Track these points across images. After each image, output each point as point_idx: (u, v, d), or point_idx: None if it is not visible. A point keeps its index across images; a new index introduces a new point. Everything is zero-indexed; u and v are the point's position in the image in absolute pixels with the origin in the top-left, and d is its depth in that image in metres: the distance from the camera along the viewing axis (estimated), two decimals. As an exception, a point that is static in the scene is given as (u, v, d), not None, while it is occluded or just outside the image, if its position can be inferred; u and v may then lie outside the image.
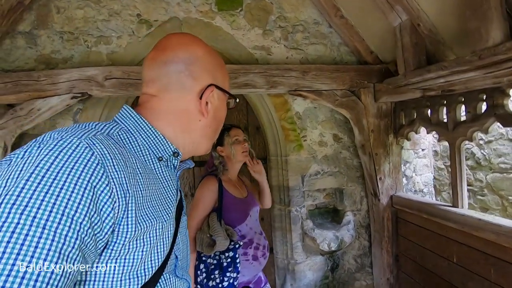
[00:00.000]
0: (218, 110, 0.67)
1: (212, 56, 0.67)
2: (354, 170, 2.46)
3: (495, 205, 2.73)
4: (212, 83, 0.64)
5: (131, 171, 0.52)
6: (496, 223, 1.41)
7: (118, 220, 0.47)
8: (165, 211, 0.58)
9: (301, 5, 2.33)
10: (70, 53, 2.02)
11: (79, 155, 0.44)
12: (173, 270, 0.63)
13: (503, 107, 1.40)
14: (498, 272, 1.40)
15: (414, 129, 2.00)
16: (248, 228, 1.56)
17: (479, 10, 1.22)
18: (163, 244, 0.57)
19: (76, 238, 0.41)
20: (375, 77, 2.17)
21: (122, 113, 0.62)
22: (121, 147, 0.53)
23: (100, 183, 0.45)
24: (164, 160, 0.62)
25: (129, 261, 0.50)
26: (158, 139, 0.60)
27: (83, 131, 0.50)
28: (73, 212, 0.41)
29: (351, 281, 2.45)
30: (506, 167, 2.60)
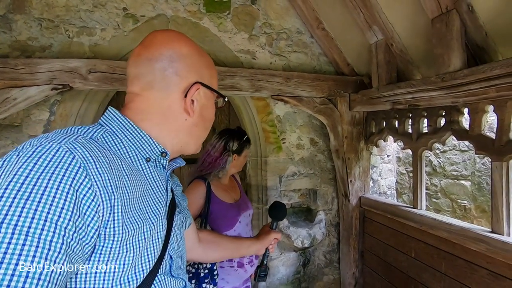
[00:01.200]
0: (205, 109, 0.66)
1: (198, 53, 0.66)
2: (327, 172, 2.64)
3: (447, 207, 3.12)
4: (198, 81, 0.63)
5: (117, 173, 0.50)
6: (448, 222, 1.63)
7: (104, 223, 0.46)
8: (153, 212, 0.57)
9: (285, 14, 2.45)
10: (49, 41, 1.94)
11: (59, 160, 0.43)
12: (168, 270, 0.62)
13: (458, 123, 1.64)
14: (448, 264, 1.63)
15: (383, 137, 2.21)
16: (236, 234, 1.50)
17: (444, 40, 1.42)
18: (153, 246, 0.56)
19: (62, 243, 0.40)
20: (350, 88, 2.35)
21: (107, 116, 0.60)
22: (105, 149, 0.52)
23: (83, 186, 0.44)
24: (152, 161, 0.61)
25: (119, 266, 0.49)
26: (144, 140, 0.59)
27: (64, 136, 0.48)
28: (56, 218, 0.40)
29: (320, 276, 2.62)
30: (457, 174, 2.99)
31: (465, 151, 2.89)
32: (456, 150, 3.00)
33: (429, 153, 3.20)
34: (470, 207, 2.83)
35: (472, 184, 2.84)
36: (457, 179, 2.98)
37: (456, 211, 3.01)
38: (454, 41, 1.39)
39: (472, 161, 2.84)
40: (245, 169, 2.61)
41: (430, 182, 3.23)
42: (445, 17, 1.41)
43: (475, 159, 2.81)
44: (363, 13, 1.85)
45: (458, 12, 1.37)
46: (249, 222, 1.62)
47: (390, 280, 2.09)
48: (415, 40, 1.76)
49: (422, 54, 1.78)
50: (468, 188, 2.88)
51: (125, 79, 1.87)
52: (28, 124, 1.95)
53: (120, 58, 2.05)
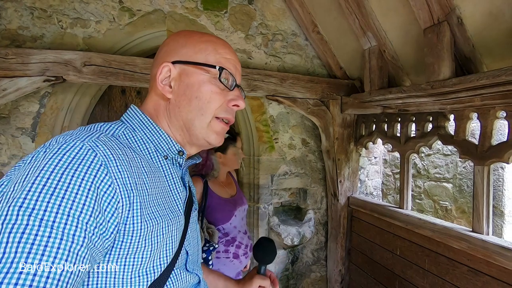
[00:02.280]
0: (188, 86, 0.60)
1: (180, 36, 0.64)
2: (318, 172, 2.71)
3: (429, 208, 3.28)
4: (169, 60, 0.61)
5: (136, 170, 0.52)
6: (432, 222, 1.73)
7: (123, 219, 0.48)
8: (171, 209, 0.58)
9: (282, 16, 2.49)
10: (41, 31, 1.88)
11: (82, 157, 0.45)
12: (183, 265, 0.63)
13: (444, 129, 1.73)
14: (431, 261, 1.73)
15: (372, 140, 2.30)
16: (232, 227, 1.58)
17: (435, 49, 1.50)
18: (172, 242, 0.57)
19: (84, 237, 0.41)
20: (342, 91, 2.42)
21: (129, 113, 0.62)
22: (125, 147, 0.53)
23: (103, 184, 0.45)
24: (169, 158, 0.62)
25: (138, 259, 0.51)
26: (162, 138, 0.60)
27: (88, 133, 0.50)
28: (78, 213, 0.41)
29: (308, 273, 2.69)
30: (439, 176, 3.15)
31: (448, 155, 3.06)
32: (440, 154, 3.17)
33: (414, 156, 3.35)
34: (451, 208, 3.00)
35: (454, 186, 3.01)
36: (440, 181, 3.15)
37: (438, 212, 3.18)
38: (444, 51, 1.47)
39: (454, 165, 3.01)
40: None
41: (414, 184, 3.39)
42: (436, 28, 1.49)
43: (457, 162, 2.99)
44: (358, 19, 1.92)
45: (449, 24, 1.45)
46: (245, 216, 1.69)
47: (375, 277, 2.18)
48: (407, 48, 1.84)
49: (412, 62, 1.86)
50: (449, 190, 3.05)
51: (121, 73, 1.86)
52: (16, 116, 1.89)
53: (115, 52, 2.03)
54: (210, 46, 0.62)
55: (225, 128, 0.65)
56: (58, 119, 1.98)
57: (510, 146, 1.37)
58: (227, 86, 0.62)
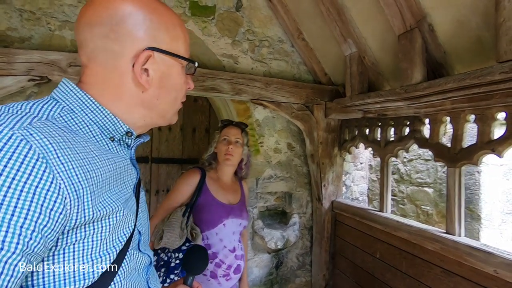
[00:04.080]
0: (166, 78, 0.57)
1: (152, 11, 0.54)
2: (303, 176, 2.73)
3: (412, 212, 3.31)
4: (150, 47, 0.54)
5: (83, 157, 0.47)
6: (409, 224, 1.75)
7: (72, 215, 0.43)
8: (124, 191, 0.56)
9: (268, 23, 2.56)
10: (30, 33, 1.92)
11: (13, 151, 0.38)
12: (136, 245, 0.61)
13: (420, 132, 1.78)
14: (408, 264, 1.74)
15: (355, 144, 2.34)
16: (218, 239, 1.39)
17: (408, 55, 1.56)
18: (126, 224, 0.54)
19: (18, 243, 0.37)
20: (327, 96, 2.48)
21: (62, 89, 0.53)
22: (66, 132, 0.47)
23: (43, 181, 0.39)
24: (116, 140, 0.57)
25: (89, 243, 0.47)
26: (108, 119, 0.54)
27: (15, 117, 0.41)
28: (8, 217, 0.36)
29: (293, 278, 2.68)
30: (421, 181, 3.20)
31: (428, 160, 3.11)
32: (421, 159, 3.22)
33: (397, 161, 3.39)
34: (432, 212, 3.03)
35: (434, 191, 3.05)
36: (422, 186, 3.19)
37: (419, 216, 3.21)
38: (416, 57, 1.53)
39: (435, 170, 3.06)
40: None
41: (398, 189, 3.42)
42: (409, 34, 1.55)
43: (437, 167, 3.04)
44: (339, 26, 1.99)
45: (420, 31, 1.51)
46: (238, 232, 1.48)
47: (357, 281, 2.18)
48: (385, 54, 1.90)
49: (391, 67, 1.92)
50: (431, 195, 3.09)
51: (106, 74, 1.89)
52: (1, 114, 1.91)
53: (102, 54, 2.07)
54: (180, 32, 0.59)
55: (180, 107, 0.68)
56: (43, 119, 2.01)
57: (479, 148, 1.41)
58: (189, 73, 0.63)
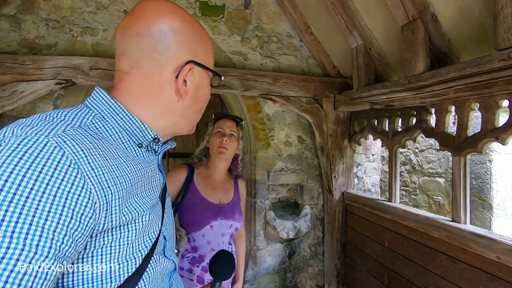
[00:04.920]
0: (199, 89, 0.61)
1: (193, 28, 0.60)
2: (314, 168, 2.78)
3: (424, 203, 3.26)
4: (191, 60, 0.58)
5: (113, 162, 0.49)
6: (415, 213, 1.77)
7: (101, 220, 0.45)
8: (151, 197, 0.57)
9: (277, 19, 2.61)
10: (55, 40, 2.10)
11: (48, 157, 0.40)
12: (162, 251, 0.62)
13: (426, 122, 1.78)
14: (415, 252, 1.77)
15: (364, 136, 2.36)
16: (205, 241, 1.29)
17: (411, 46, 1.57)
18: (152, 229, 0.56)
19: (50, 247, 0.38)
20: (336, 89, 2.50)
21: (94, 97, 0.57)
22: (97, 139, 0.49)
23: (75, 186, 0.41)
24: (144, 146, 0.59)
25: (116, 247, 0.49)
26: (136, 125, 0.56)
27: (51, 125, 0.44)
28: (42, 222, 0.38)
29: (305, 267, 2.76)
30: (433, 171, 3.14)
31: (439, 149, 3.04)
32: (433, 149, 3.16)
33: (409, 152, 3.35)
34: (443, 202, 2.98)
35: (446, 181, 2.99)
36: (433, 176, 3.14)
37: (431, 207, 3.16)
38: (419, 47, 1.54)
39: (446, 160, 3.00)
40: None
41: (409, 180, 3.38)
42: (411, 25, 1.56)
43: (448, 157, 2.97)
44: (344, 19, 2.01)
45: (422, 21, 1.52)
46: (228, 234, 1.36)
47: (367, 270, 2.23)
48: (391, 45, 1.91)
49: (397, 58, 1.92)
50: (442, 185, 3.03)
51: (123, 76, 2.03)
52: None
53: (120, 57, 2.22)
54: (210, 47, 0.64)
55: None
56: (70, 119, 2.20)
57: (483, 136, 1.42)
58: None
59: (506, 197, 2.52)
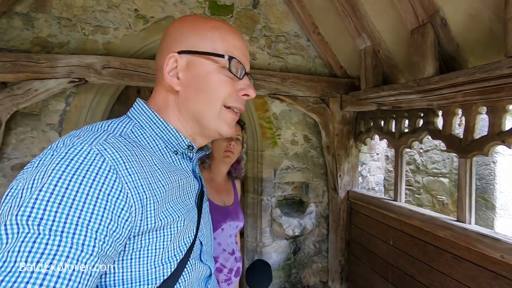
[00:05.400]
0: (196, 78, 0.59)
1: (185, 23, 0.61)
2: (319, 167, 2.83)
3: (427, 202, 3.33)
4: (175, 51, 0.58)
5: (148, 170, 0.52)
6: (421, 212, 1.82)
7: (137, 222, 0.47)
8: (185, 202, 0.59)
9: (284, 19, 2.63)
10: (67, 38, 2.13)
11: (90, 163, 0.44)
12: (198, 255, 0.63)
13: (433, 124, 1.82)
14: (420, 250, 1.82)
15: (370, 136, 2.40)
16: (216, 244, 1.33)
17: (420, 49, 1.60)
18: (187, 234, 0.58)
19: (94, 246, 0.41)
20: (342, 89, 2.54)
21: (135, 108, 0.61)
22: (135, 146, 0.53)
23: (114, 190, 0.44)
24: (179, 153, 0.62)
25: (152, 251, 0.51)
26: (171, 133, 0.60)
27: (95, 135, 0.49)
28: (87, 222, 0.41)
29: (310, 263, 2.82)
30: (437, 172, 3.20)
31: (444, 150, 3.10)
32: (437, 150, 3.22)
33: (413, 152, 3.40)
34: (447, 202, 3.04)
35: (450, 181, 3.04)
36: (437, 176, 3.19)
37: (435, 206, 3.22)
38: (428, 51, 1.57)
39: (451, 160, 3.05)
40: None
41: (414, 179, 3.44)
42: (421, 29, 1.59)
43: (453, 158, 3.02)
44: (353, 21, 2.04)
45: (432, 25, 1.55)
46: (234, 234, 1.43)
47: (371, 267, 2.28)
48: (399, 47, 1.93)
49: (405, 60, 1.96)
50: (446, 185, 3.09)
51: (135, 75, 2.07)
52: (46, 113, 2.15)
53: (130, 55, 2.24)
54: (217, 33, 0.60)
55: (235, 118, 0.64)
56: (81, 116, 2.23)
57: (489, 139, 1.46)
58: (236, 75, 0.60)
59: (508, 198, 2.59)
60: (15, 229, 0.38)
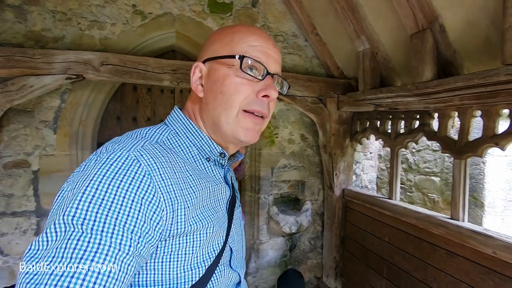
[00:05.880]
0: (214, 82, 0.60)
1: (213, 33, 0.65)
2: (315, 166, 2.88)
3: (419, 200, 3.46)
4: (199, 61, 0.63)
5: (181, 176, 0.54)
6: (416, 211, 1.90)
7: (167, 226, 0.49)
8: (216, 209, 0.60)
9: (283, 18, 2.64)
10: (62, 33, 2.06)
11: (127, 168, 0.47)
12: (228, 262, 0.64)
13: (429, 126, 1.89)
14: (415, 246, 1.90)
15: (366, 136, 2.46)
16: None
17: (419, 54, 1.66)
18: (216, 241, 0.59)
19: (130, 245, 0.43)
20: (339, 89, 2.58)
21: (173, 116, 0.64)
22: (169, 153, 0.55)
23: (148, 194, 0.47)
24: (212, 160, 0.63)
25: (181, 256, 0.53)
26: (205, 141, 0.62)
27: (133, 142, 0.52)
28: (123, 223, 0.43)
29: (305, 260, 2.88)
30: (428, 171, 3.34)
31: (436, 150, 3.24)
32: (429, 150, 3.35)
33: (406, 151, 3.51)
34: (438, 200, 3.18)
35: (441, 180, 3.18)
36: (429, 175, 3.33)
37: (426, 204, 3.36)
38: (427, 56, 1.63)
39: (442, 160, 3.19)
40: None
41: (406, 178, 3.57)
42: (421, 34, 1.65)
43: (444, 158, 3.16)
44: (353, 24, 2.07)
45: (431, 31, 1.60)
46: (240, 233, 1.55)
47: (366, 263, 2.36)
48: (398, 51, 1.99)
49: (402, 64, 2.01)
50: (437, 183, 3.23)
51: (135, 72, 2.03)
52: (40, 110, 2.08)
53: (128, 52, 2.20)
54: (236, 36, 0.60)
55: (257, 122, 0.61)
56: (77, 113, 2.17)
57: (484, 141, 1.53)
58: (254, 75, 0.58)
59: (496, 196, 2.73)
60: (62, 227, 0.42)
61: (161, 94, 2.57)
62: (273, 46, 0.62)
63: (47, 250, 0.41)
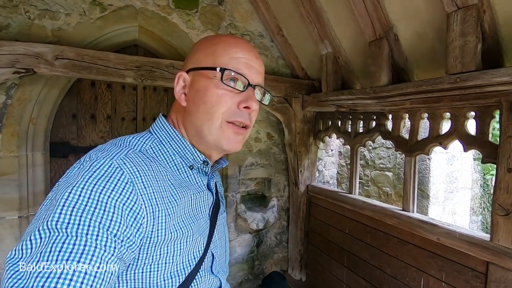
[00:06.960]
0: (196, 92, 0.61)
1: (197, 42, 0.66)
2: (281, 163, 2.97)
3: (374, 193, 3.77)
4: (184, 70, 0.64)
5: (162, 184, 0.55)
6: (373, 204, 2.07)
7: (148, 233, 0.50)
8: (197, 216, 0.61)
9: (249, 18, 2.67)
10: (6, 21, 1.86)
11: (110, 175, 0.48)
12: (209, 268, 0.65)
13: (384, 126, 2.07)
14: (372, 236, 2.08)
15: (328, 134, 2.60)
16: None
17: (377, 60, 1.80)
18: (196, 248, 0.60)
19: (114, 248, 0.45)
20: (303, 90, 2.69)
21: (157, 124, 0.65)
22: (152, 162, 0.56)
23: (129, 200, 0.48)
24: (195, 168, 0.64)
25: (162, 265, 0.54)
26: (188, 149, 0.63)
27: (117, 150, 0.54)
28: (107, 227, 0.45)
29: (271, 254, 2.97)
30: (383, 166, 3.65)
31: (390, 148, 3.56)
32: (384, 147, 3.66)
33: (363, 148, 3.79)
34: (391, 193, 3.50)
35: (393, 175, 3.51)
36: (383, 170, 3.65)
37: (381, 196, 3.67)
38: (384, 62, 1.77)
39: (394, 157, 3.51)
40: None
41: (363, 173, 3.86)
42: (378, 42, 1.79)
43: (396, 155, 3.48)
44: (317, 28, 2.17)
45: (387, 40, 1.75)
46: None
47: (329, 254, 2.51)
48: (357, 56, 2.13)
49: (361, 68, 2.17)
50: (390, 178, 3.55)
51: (94, 67, 1.91)
52: (-20, 107, 1.86)
53: (85, 45, 2.05)
54: (219, 48, 0.61)
55: (239, 133, 0.62)
56: (26, 111, 1.98)
57: (430, 141, 1.72)
58: (235, 87, 0.59)
59: (439, 188, 3.09)
60: (47, 232, 0.42)
61: (123, 90, 2.44)
62: (256, 58, 0.63)
63: (31, 255, 0.41)
